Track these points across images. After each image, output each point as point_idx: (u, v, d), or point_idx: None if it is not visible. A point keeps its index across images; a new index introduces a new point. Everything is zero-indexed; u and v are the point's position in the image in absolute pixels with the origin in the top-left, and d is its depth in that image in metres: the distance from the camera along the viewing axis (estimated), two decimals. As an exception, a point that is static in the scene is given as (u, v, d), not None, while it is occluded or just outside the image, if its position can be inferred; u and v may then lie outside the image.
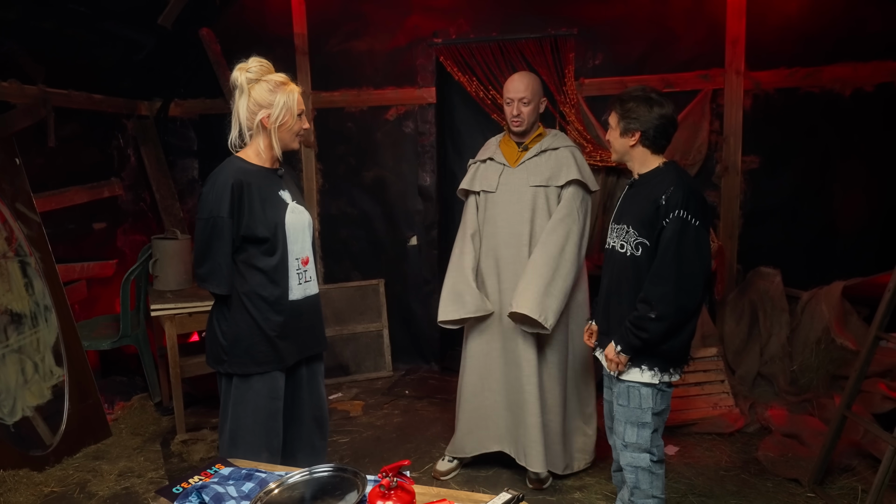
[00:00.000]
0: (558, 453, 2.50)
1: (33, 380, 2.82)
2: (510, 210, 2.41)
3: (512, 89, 2.38)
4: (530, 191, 2.39)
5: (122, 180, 3.86)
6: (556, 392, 2.44)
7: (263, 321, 1.86)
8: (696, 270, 1.79)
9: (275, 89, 1.82)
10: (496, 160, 2.48)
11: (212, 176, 1.83)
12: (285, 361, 1.92)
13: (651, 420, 1.87)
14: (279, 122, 1.83)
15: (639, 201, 1.89)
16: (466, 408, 2.54)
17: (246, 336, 1.86)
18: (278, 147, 1.88)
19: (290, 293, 1.90)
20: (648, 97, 1.85)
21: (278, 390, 1.93)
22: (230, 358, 1.88)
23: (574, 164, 2.40)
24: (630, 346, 1.84)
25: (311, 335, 2.00)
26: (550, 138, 2.47)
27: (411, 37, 3.73)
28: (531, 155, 2.43)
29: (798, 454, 2.66)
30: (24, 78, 3.12)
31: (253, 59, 1.84)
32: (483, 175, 2.50)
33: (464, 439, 2.56)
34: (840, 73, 3.28)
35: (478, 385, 2.50)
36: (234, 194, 1.79)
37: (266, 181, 1.88)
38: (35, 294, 2.93)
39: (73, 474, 2.69)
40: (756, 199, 3.46)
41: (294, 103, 1.85)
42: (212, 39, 3.84)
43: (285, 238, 1.87)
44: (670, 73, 3.45)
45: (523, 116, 2.37)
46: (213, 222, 1.79)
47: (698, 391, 3.07)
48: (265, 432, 1.92)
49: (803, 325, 3.19)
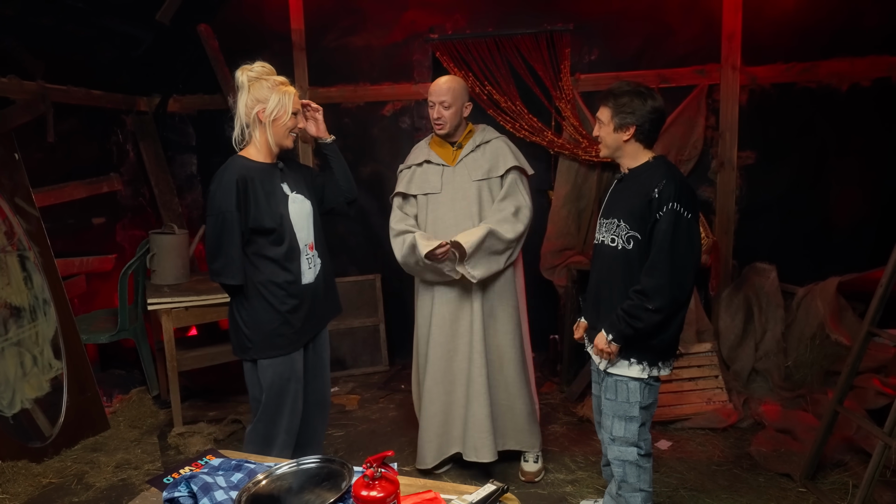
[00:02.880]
0: (535, 432, 2.54)
1: (32, 373, 2.85)
2: (457, 207, 2.45)
3: (434, 93, 2.42)
4: (474, 185, 2.44)
5: (121, 175, 3.88)
6: (515, 373, 2.48)
7: (281, 305, 1.97)
8: (687, 263, 1.80)
9: (273, 87, 1.93)
10: (433, 162, 2.51)
11: (217, 175, 1.94)
12: (304, 340, 2.05)
13: (638, 414, 1.88)
14: (273, 115, 1.93)
15: (629, 195, 1.89)
16: (423, 414, 2.54)
17: (266, 322, 1.97)
18: (273, 141, 1.96)
19: (303, 277, 2.02)
20: (640, 91, 1.85)
21: (297, 372, 2.04)
22: (254, 345, 1.99)
23: (510, 153, 2.48)
24: (622, 335, 1.84)
25: (327, 306, 2.14)
26: (481, 133, 2.53)
27: (408, 32, 3.74)
28: (468, 151, 2.48)
29: (791, 449, 2.66)
30: (24, 73, 3.14)
31: (258, 62, 1.96)
32: (422, 178, 2.51)
33: (423, 447, 2.55)
34: (837, 68, 3.28)
35: (430, 388, 2.51)
36: (240, 189, 1.90)
37: (268, 176, 1.98)
38: (34, 288, 2.95)
39: (71, 466, 2.72)
40: (752, 194, 3.46)
41: (289, 102, 1.95)
42: (210, 35, 3.85)
43: (291, 227, 1.99)
44: (666, 68, 3.45)
45: (444, 119, 2.42)
46: (223, 217, 1.89)
47: (692, 386, 3.08)
48: (287, 414, 2.03)
49: (798, 320, 3.19)
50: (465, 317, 2.44)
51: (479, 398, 2.40)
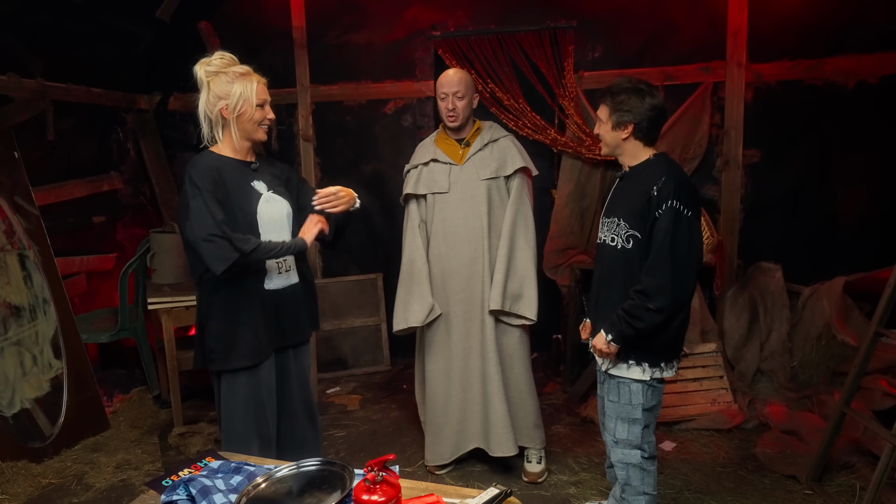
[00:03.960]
0: (541, 428, 2.56)
1: (32, 372, 2.84)
2: (466, 206, 2.43)
3: (445, 84, 2.39)
4: (483, 185, 2.42)
5: (122, 174, 3.86)
6: (524, 371, 2.50)
7: (243, 311, 1.87)
8: (688, 262, 1.77)
9: (233, 80, 1.82)
10: (440, 161, 2.48)
11: (187, 171, 1.82)
12: (266, 352, 1.93)
13: (641, 416, 1.86)
14: (237, 111, 1.83)
15: (629, 194, 1.87)
16: (437, 412, 2.55)
17: (228, 331, 1.88)
18: (237, 138, 1.87)
19: (268, 282, 1.91)
20: (639, 88, 1.82)
21: (265, 379, 1.95)
22: (216, 356, 1.90)
23: (518, 153, 2.46)
24: (621, 335, 1.81)
25: (294, 324, 2.01)
26: (489, 131, 2.49)
27: (409, 29, 3.71)
28: (476, 149, 2.45)
29: (797, 451, 2.63)
30: (23, 71, 3.12)
31: (216, 53, 1.85)
32: (429, 177, 2.49)
33: (440, 445, 2.56)
34: (843, 65, 3.24)
35: (444, 386, 2.52)
36: (214, 177, 1.81)
37: (237, 172, 1.89)
38: (34, 287, 2.94)
39: (70, 466, 2.71)
40: (757, 193, 3.42)
41: (252, 93, 1.84)
42: (210, 33, 3.83)
43: (257, 228, 1.88)
44: (670, 65, 3.41)
45: (458, 111, 2.39)
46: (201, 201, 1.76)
47: (697, 387, 3.06)
48: (255, 422, 1.94)
49: (804, 320, 3.16)
50: (477, 316, 2.44)
51: (497, 395, 2.41)
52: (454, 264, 2.46)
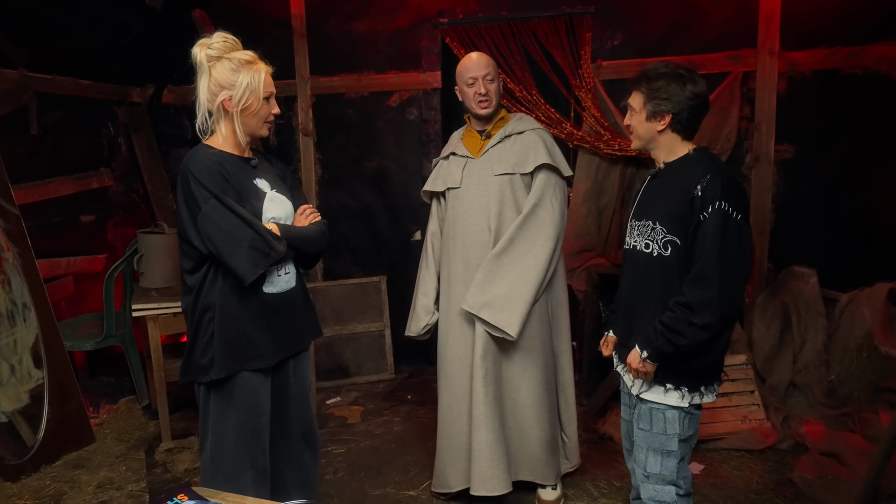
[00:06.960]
0: (552, 463, 2.26)
1: (9, 383, 2.66)
2: (476, 205, 2.18)
3: (472, 68, 2.16)
4: (496, 181, 2.16)
5: (113, 171, 3.68)
6: (534, 395, 2.19)
7: (242, 318, 1.68)
8: (738, 271, 1.55)
9: (238, 68, 1.62)
10: (458, 154, 2.26)
11: (183, 168, 1.62)
12: (265, 358, 1.72)
13: (678, 448, 1.63)
14: (242, 104, 1.64)
15: (666, 194, 1.64)
16: (443, 434, 2.29)
17: (222, 333, 1.67)
18: (242, 133, 1.68)
19: (268, 286, 1.72)
20: (679, 73, 1.60)
21: (262, 404, 1.74)
22: (207, 363, 1.68)
23: (543, 148, 2.16)
24: (659, 353, 1.59)
25: (295, 331, 1.81)
26: (514, 122, 2.23)
27: (415, 17, 3.52)
28: (494, 142, 2.20)
29: (839, 476, 2.40)
30: (4, 62, 2.94)
31: (217, 34, 1.64)
32: (446, 172, 2.27)
33: (446, 471, 2.29)
34: (886, 53, 3.02)
35: (448, 406, 2.25)
36: (221, 174, 1.61)
37: (238, 169, 1.69)
38: (13, 291, 2.75)
39: (49, 485, 2.52)
40: (790, 191, 3.21)
41: (260, 84, 1.65)
42: (205, 21, 3.63)
43: None
44: (696, 53, 3.21)
45: (491, 94, 2.15)
46: (217, 202, 1.58)
47: (725, 402, 2.82)
48: (249, 450, 1.72)
49: (842, 330, 2.92)
50: (469, 329, 2.17)
51: (483, 422, 2.11)
52: (459, 268, 2.22)
